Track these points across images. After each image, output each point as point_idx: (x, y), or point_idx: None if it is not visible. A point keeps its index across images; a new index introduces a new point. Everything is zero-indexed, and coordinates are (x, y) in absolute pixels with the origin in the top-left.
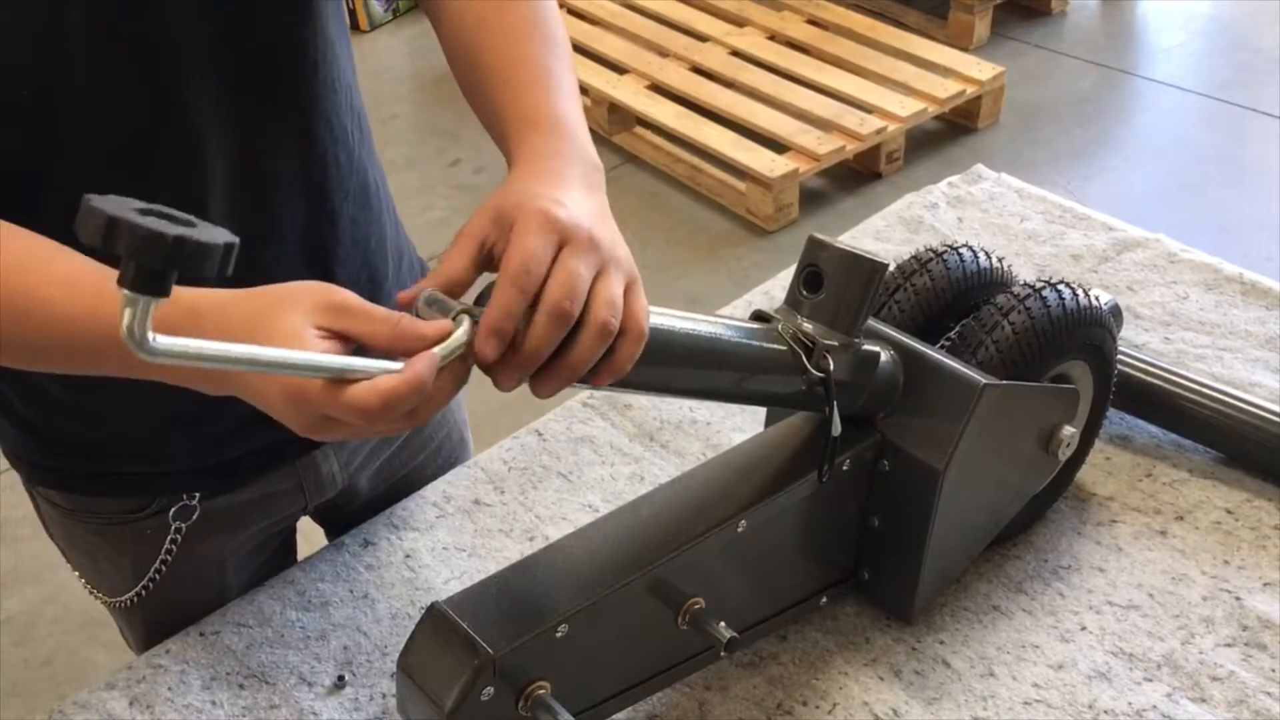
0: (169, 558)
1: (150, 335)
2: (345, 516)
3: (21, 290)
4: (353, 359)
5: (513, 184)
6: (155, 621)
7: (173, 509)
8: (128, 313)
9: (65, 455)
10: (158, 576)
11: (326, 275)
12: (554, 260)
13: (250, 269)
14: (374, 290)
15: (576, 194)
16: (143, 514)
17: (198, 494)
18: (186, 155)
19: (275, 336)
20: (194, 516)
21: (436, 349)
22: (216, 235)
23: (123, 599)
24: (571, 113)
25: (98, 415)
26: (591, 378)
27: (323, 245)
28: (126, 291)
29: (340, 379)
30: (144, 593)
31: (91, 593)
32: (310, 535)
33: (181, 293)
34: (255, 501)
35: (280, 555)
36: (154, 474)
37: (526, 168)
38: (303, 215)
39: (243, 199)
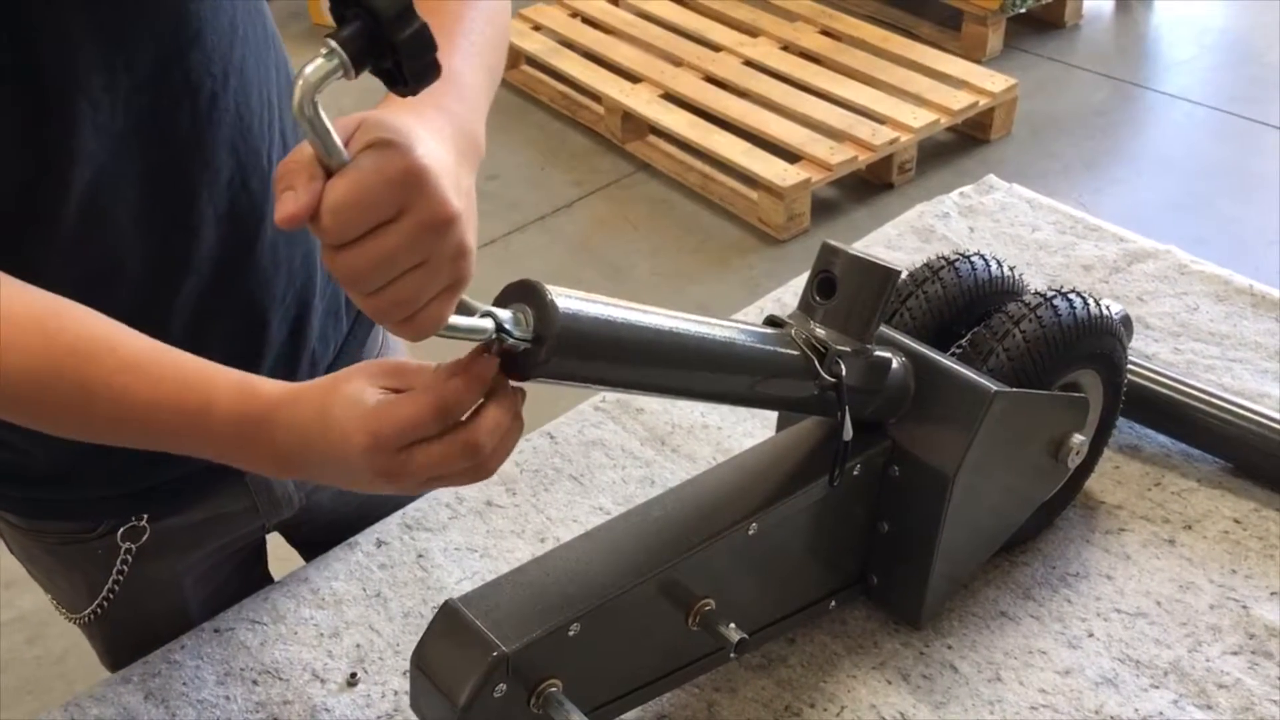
0: (120, 577)
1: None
2: (313, 535)
3: (90, 378)
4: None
5: (385, 114)
6: (116, 638)
7: (121, 530)
8: (319, 62)
9: (9, 481)
10: (111, 595)
11: (251, 303)
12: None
13: (169, 300)
14: (302, 308)
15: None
16: (92, 535)
17: (145, 515)
18: (87, 202)
19: (344, 404)
20: (144, 537)
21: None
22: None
23: (81, 616)
24: (469, 72)
25: (25, 447)
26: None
27: (241, 275)
28: (332, 42)
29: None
30: (100, 611)
31: (57, 608)
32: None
33: (260, 386)
34: (208, 521)
35: (245, 571)
36: (93, 499)
37: (399, 104)
38: (216, 248)
39: (156, 238)
